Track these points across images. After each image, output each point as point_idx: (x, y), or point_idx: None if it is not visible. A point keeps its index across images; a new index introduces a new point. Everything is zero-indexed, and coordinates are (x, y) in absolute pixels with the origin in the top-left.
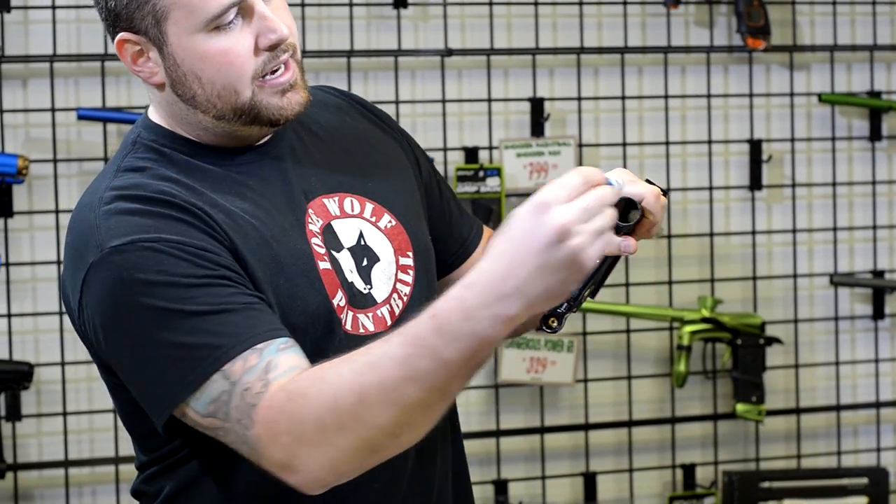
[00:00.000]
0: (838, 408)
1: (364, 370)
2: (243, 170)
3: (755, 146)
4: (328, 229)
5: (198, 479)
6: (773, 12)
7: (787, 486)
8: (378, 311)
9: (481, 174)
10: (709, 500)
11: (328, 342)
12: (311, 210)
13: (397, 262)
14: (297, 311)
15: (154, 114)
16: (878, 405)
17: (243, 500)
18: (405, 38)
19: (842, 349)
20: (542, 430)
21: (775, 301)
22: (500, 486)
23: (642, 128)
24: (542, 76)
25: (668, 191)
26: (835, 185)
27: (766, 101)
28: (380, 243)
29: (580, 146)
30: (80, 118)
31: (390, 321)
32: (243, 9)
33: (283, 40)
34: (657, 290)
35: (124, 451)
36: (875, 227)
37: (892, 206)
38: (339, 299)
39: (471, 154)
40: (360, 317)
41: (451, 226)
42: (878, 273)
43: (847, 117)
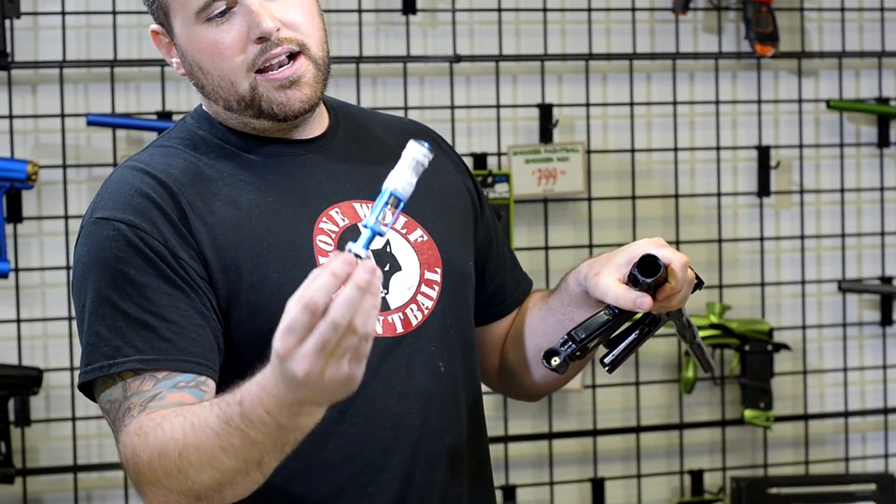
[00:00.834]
0: (846, 414)
1: (187, 430)
2: (271, 161)
3: (763, 152)
4: (353, 229)
5: None
6: (781, 19)
7: (795, 492)
8: (389, 317)
9: (490, 180)
10: None
11: None
12: (335, 210)
13: (422, 275)
14: (287, 300)
15: (206, 103)
16: (885, 411)
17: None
18: (414, 45)
19: (850, 355)
20: (551, 436)
21: (783, 307)
22: (509, 492)
23: (651, 134)
24: (551, 82)
25: (702, 282)
26: (843, 191)
27: (774, 107)
28: (405, 254)
29: (588, 152)
30: (90, 124)
31: (402, 329)
32: (236, 2)
33: (266, 34)
34: None
35: None
36: (883, 234)
37: None
38: None
39: (479, 160)
40: None
41: (497, 278)
42: (886, 279)
43: (855, 124)
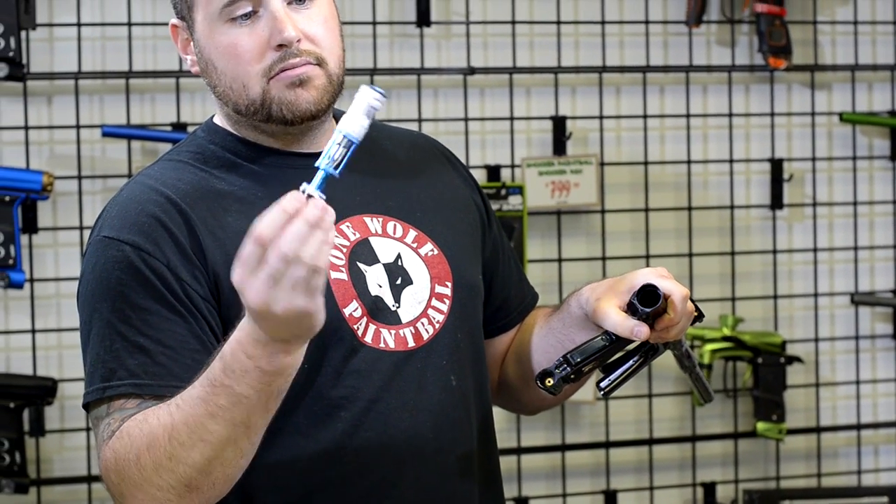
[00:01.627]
0: (858, 426)
1: (173, 411)
2: (282, 174)
3: (776, 165)
4: (364, 243)
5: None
6: (794, 32)
7: None
8: (401, 331)
9: (503, 192)
10: None
11: (337, 350)
12: (346, 224)
13: (432, 289)
14: None
15: (218, 115)
16: None
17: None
18: (428, 57)
19: (862, 368)
20: (563, 448)
21: (796, 320)
22: None
23: (664, 146)
24: (565, 95)
25: (702, 315)
26: (856, 204)
27: (787, 120)
28: (416, 268)
29: (602, 164)
30: (105, 135)
31: (413, 343)
32: (261, 5)
33: (288, 42)
34: None
35: None
36: None
37: None
38: (354, 309)
39: (493, 172)
40: (383, 331)
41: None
42: None
43: (868, 137)
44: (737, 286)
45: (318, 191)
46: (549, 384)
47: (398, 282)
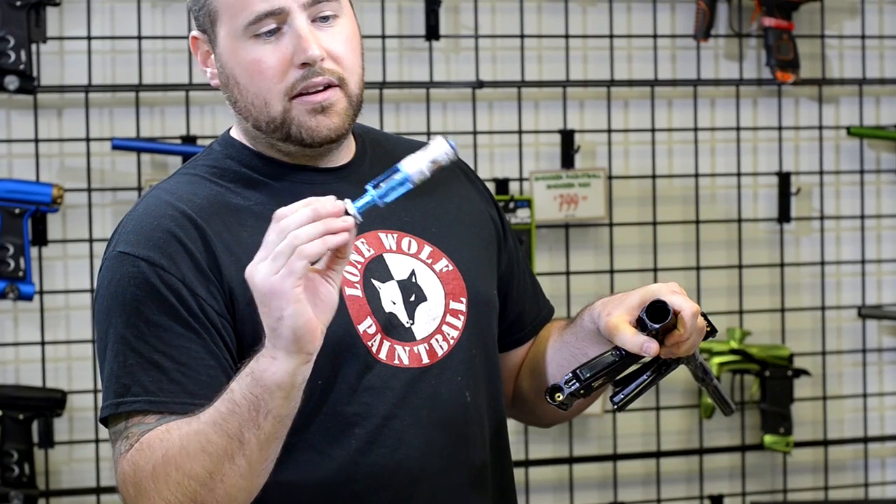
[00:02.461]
0: (866, 440)
1: (192, 420)
2: (301, 189)
3: (784, 179)
4: (378, 260)
5: None
6: (802, 46)
7: None
8: (415, 348)
9: (512, 205)
10: None
11: (351, 366)
12: (361, 240)
13: (447, 305)
14: None
15: (235, 129)
16: None
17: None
18: (437, 71)
19: (869, 381)
20: (571, 461)
21: (803, 333)
22: None
23: (672, 160)
24: (573, 108)
25: (715, 330)
26: (863, 217)
27: (794, 133)
28: (431, 284)
29: (610, 178)
30: (115, 148)
31: (428, 360)
32: (286, 22)
33: (312, 60)
34: None
35: None
36: None
37: None
38: (368, 326)
39: (501, 185)
40: (398, 348)
41: (518, 307)
42: None
43: (876, 150)
44: (744, 299)
45: (356, 210)
46: (559, 399)
47: (412, 298)
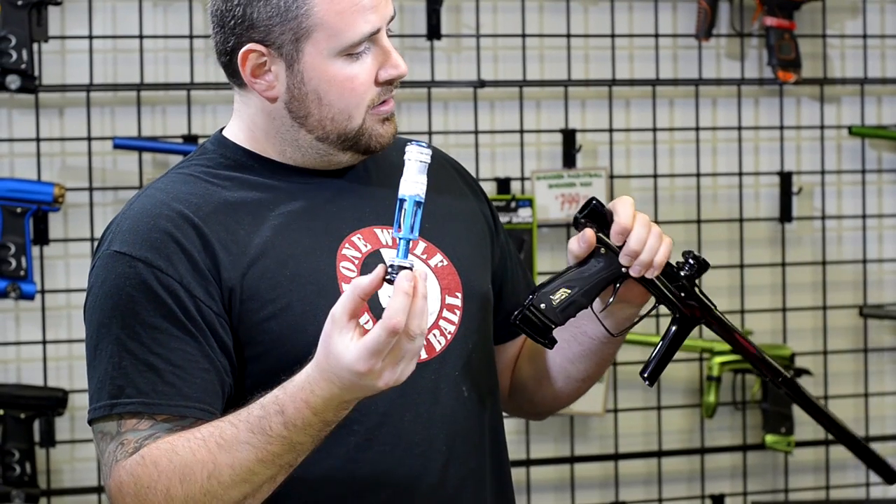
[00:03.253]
0: (867, 439)
1: (215, 450)
2: (296, 188)
3: (785, 178)
4: (375, 255)
5: None
6: (803, 45)
7: None
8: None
9: (513, 205)
10: None
11: None
12: (358, 235)
13: (443, 300)
14: (311, 328)
15: (231, 129)
16: None
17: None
18: (438, 70)
19: (871, 381)
20: (572, 460)
21: (805, 333)
22: None
23: (673, 159)
24: (574, 108)
25: (707, 263)
26: (865, 217)
27: (796, 133)
28: (427, 280)
29: (611, 177)
30: (116, 147)
31: (426, 355)
32: (372, 41)
33: (402, 77)
34: None
35: None
36: None
37: None
38: (365, 322)
39: (503, 185)
40: None
41: (513, 297)
42: None
43: (877, 150)
44: (746, 299)
45: (406, 259)
46: (515, 317)
47: None
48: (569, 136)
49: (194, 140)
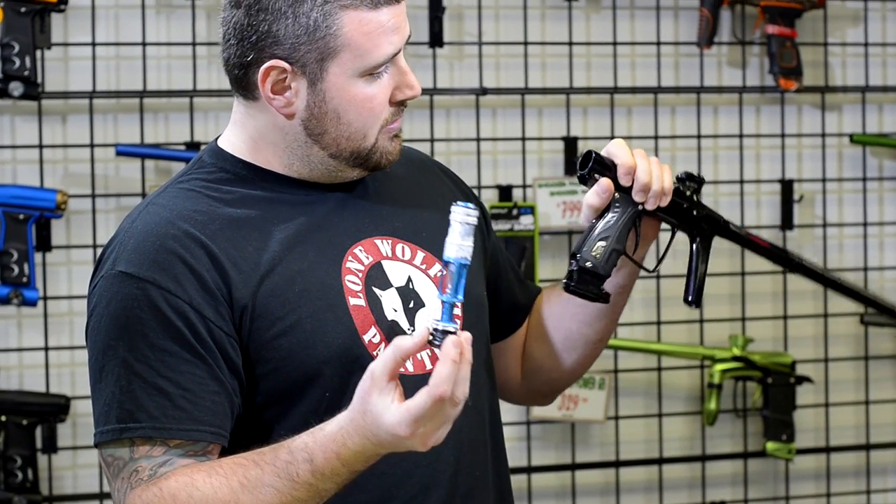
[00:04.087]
0: (868, 447)
1: (237, 490)
2: (298, 201)
3: (787, 186)
4: (377, 267)
5: None
6: (805, 53)
7: None
8: (418, 354)
9: (515, 212)
10: None
11: (358, 376)
12: (360, 248)
13: None
14: (321, 345)
15: (228, 140)
16: None
17: None
18: (441, 77)
19: (872, 389)
20: (574, 467)
21: (806, 340)
22: None
23: (674, 167)
24: (576, 115)
25: (699, 178)
26: (866, 225)
27: (797, 141)
28: (427, 289)
29: None
30: (119, 154)
31: (431, 366)
32: (391, 61)
33: (417, 97)
34: (688, 329)
35: None
36: None
37: None
38: (373, 335)
39: (505, 192)
40: None
41: (509, 294)
42: None
43: (878, 158)
44: (747, 306)
45: (451, 323)
46: (567, 281)
47: (411, 305)
48: (570, 143)
49: (197, 147)
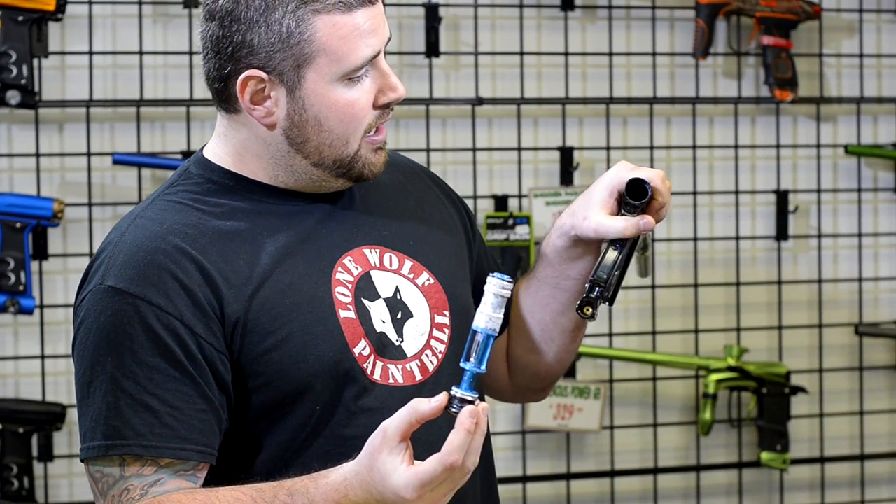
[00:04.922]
0: (862, 457)
1: None
2: (286, 211)
3: (782, 196)
4: (366, 278)
5: None
6: (800, 64)
7: None
8: (407, 365)
9: (511, 222)
10: None
11: (349, 389)
12: (349, 258)
13: (432, 319)
14: (311, 358)
15: (213, 151)
16: None
17: None
18: (437, 87)
19: (866, 399)
20: (569, 477)
21: (801, 350)
22: None
23: (670, 177)
24: (572, 126)
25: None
26: (860, 235)
27: (792, 152)
28: (415, 300)
29: None
30: (115, 163)
31: (420, 376)
32: (371, 64)
33: (401, 99)
34: (683, 339)
35: None
36: None
37: None
38: (363, 348)
39: (500, 202)
40: (391, 367)
41: None
42: None
43: (873, 169)
44: (742, 317)
45: (470, 392)
46: (589, 312)
47: (399, 316)
48: (566, 153)
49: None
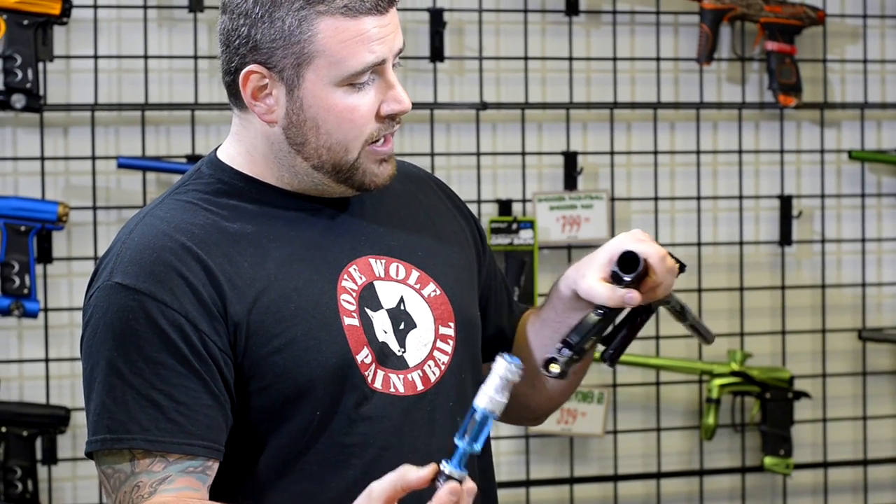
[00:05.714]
0: (865, 462)
1: None
2: (294, 216)
3: (785, 202)
4: (369, 288)
5: None
6: (804, 70)
7: None
8: (409, 375)
9: (514, 226)
10: None
11: (349, 396)
12: (354, 266)
13: (437, 330)
14: (314, 363)
15: (227, 152)
16: None
17: None
18: (441, 92)
19: (869, 404)
20: (572, 481)
21: (804, 355)
22: None
23: (674, 182)
24: (576, 130)
25: (684, 266)
26: (864, 241)
27: (796, 157)
28: (420, 310)
29: (612, 200)
30: (120, 166)
31: (422, 386)
32: (376, 73)
33: (405, 112)
34: (687, 344)
35: None
36: None
37: None
38: (365, 356)
39: (504, 206)
40: (392, 377)
41: (497, 318)
42: None
43: (877, 174)
44: (745, 322)
45: (458, 470)
46: (554, 371)
47: (401, 326)
48: (570, 158)
49: (198, 160)
